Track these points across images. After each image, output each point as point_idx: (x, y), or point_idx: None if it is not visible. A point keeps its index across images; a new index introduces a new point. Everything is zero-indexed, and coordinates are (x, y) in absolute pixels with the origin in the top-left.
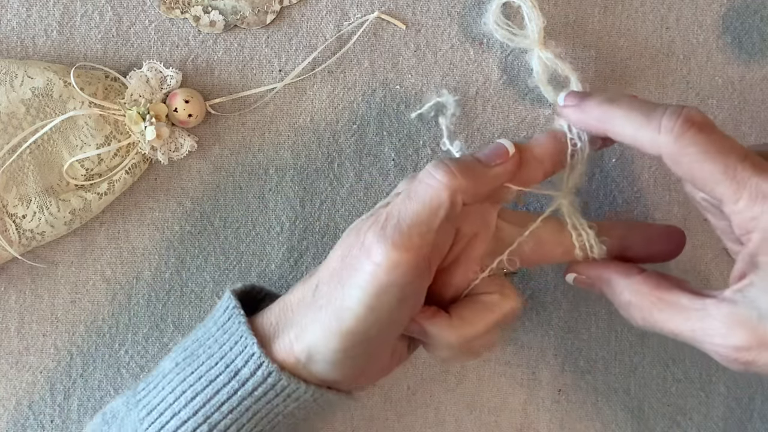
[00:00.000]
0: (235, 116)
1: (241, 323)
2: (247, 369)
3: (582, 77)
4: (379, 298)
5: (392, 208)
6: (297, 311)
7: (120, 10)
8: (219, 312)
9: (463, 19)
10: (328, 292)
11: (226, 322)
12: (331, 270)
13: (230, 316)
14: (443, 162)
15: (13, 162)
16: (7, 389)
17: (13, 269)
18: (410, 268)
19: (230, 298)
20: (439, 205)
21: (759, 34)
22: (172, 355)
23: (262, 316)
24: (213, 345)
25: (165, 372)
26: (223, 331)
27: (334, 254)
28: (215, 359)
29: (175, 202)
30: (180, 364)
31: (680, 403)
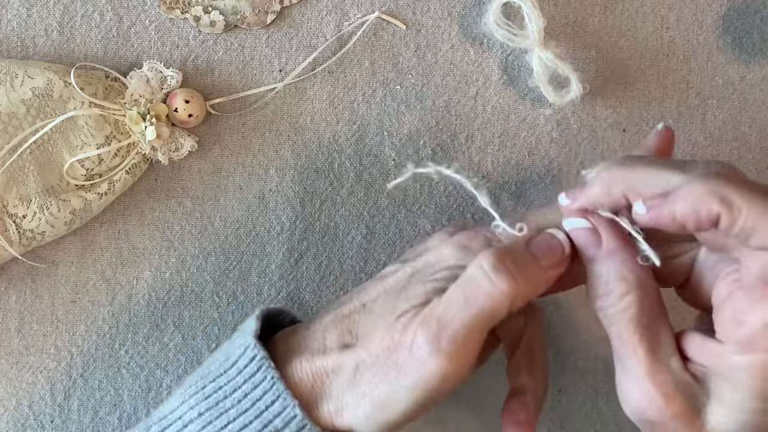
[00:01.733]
0: (235, 116)
1: (275, 380)
2: (288, 430)
3: (582, 77)
4: (427, 398)
5: (446, 311)
6: (335, 384)
7: (120, 10)
8: (243, 360)
9: (463, 19)
10: (372, 382)
11: (254, 374)
12: (374, 357)
13: (259, 367)
14: (503, 263)
15: (13, 162)
16: (7, 389)
17: (13, 269)
18: (462, 375)
19: (256, 346)
20: (499, 315)
21: (759, 34)
22: (188, 399)
23: (294, 373)
24: (243, 399)
25: (185, 421)
26: (253, 385)
27: (378, 338)
28: (250, 416)
29: (176, 202)
30: (204, 415)
31: None
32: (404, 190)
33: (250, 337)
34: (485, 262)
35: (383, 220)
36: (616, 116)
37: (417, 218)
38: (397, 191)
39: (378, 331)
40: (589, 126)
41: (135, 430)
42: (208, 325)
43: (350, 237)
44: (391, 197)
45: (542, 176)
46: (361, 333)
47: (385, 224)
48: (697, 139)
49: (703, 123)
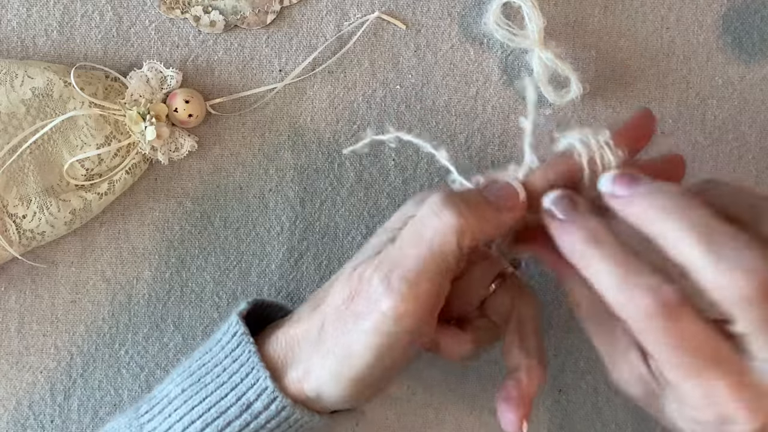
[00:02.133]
0: (235, 116)
1: (251, 353)
2: (260, 403)
3: (582, 77)
4: (386, 345)
5: (398, 250)
6: (303, 347)
7: (120, 10)
8: (226, 337)
9: (463, 19)
10: (334, 335)
11: (234, 349)
12: (336, 310)
13: (239, 342)
14: (451, 199)
15: (13, 162)
16: (7, 389)
17: (13, 269)
18: (418, 316)
19: (238, 323)
20: (448, 251)
21: (759, 34)
22: (175, 377)
23: (270, 346)
24: (222, 374)
25: (171, 397)
26: (232, 359)
27: (339, 292)
28: (225, 389)
29: (176, 202)
30: (186, 390)
31: None
32: (404, 191)
33: (234, 315)
34: (434, 198)
35: (383, 220)
36: (616, 116)
37: None
38: (397, 192)
39: (338, 286)
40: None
41: (128, 410)
42: (208, 325)
43: (350, 237)
44: (390, 197)
45: None
46: (327, 294)
47: None
48: (697, 139)
49: (703, 123)
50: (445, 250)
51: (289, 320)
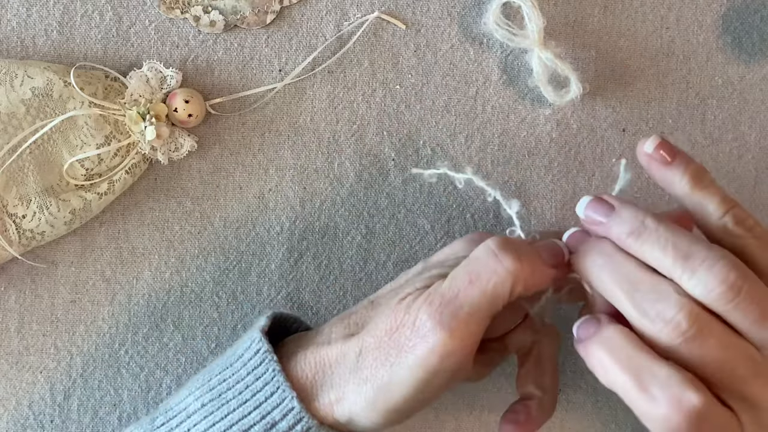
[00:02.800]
0: (235, 116)
1: (276, 372)
2: (285, 423)
3: (582, 77)
4: (428, 381)
5: (450, 288)
6: (337, 372)
7: (120, 10)
8: (248, 353)
9: (463, 19)
10: (374, 365)
11: (257, 367)
12: (377, 340)
13: (262, 360)
14: (511, 245)
15: (13, 162)
16: (7, 389)
17: (13, 269)
18: (463, 355)
19: (261, 340)
20: (500, 295)
21: (759, 34)
22: (194, 391)
23: (297, 366)
24: (245, 391)
25: (189, 412)
26: (255, 377)
27: (382, 322)
28: (249, 408)
29: (175, 202)
30: (207, 406)
31: None
32: (404, 191)
33: (257, 332)
34: (492, 242)
35: (383, 220)
36: (615, 116)
37: (417, 218)
38: (397, 192)
39: (381, 316)
40: (589, 126)
41: (143, 420)
42: (208, 325)
43: (350, 237)
44: (390, 197)
45: (542, 176)
46: (366, 322)
47: (385, 224)
48: (697, 139)
49: (703, 123)
50: (498, 293)
51: (317, 340)
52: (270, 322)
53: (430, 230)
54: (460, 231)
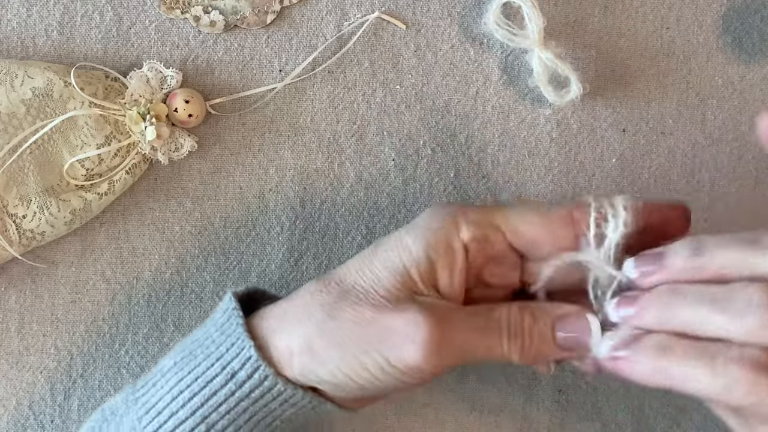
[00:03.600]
0: (235, 116)
1: (238, 324)
2: (244, 372)
3: (582, 77)
4: (400, 383)
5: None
6: (303, 319)
7: (120, 10)
8: (218, 313)
9: (463, 19)
10: (347, 337)
11: (224, 323)
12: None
13: (229, 317)
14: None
15: (13, 162)
16: (7, 389)
17: (13, 269)
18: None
19: (230, 299)
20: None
21: (759, 34)
22: (171, 353)
23: (261, 317)
24: (210, 345)
25: (164, 371)
26: (221, 332)
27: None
28: (212, 360)
29: (175, 202)
30: (178, 363)
31: (680, 403)
32: (404, 191)
33: (228, 293)
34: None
35: (383, 220)
36: (616, 116)
37: None
38: (397, 192)
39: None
40: (589, 126)
41: (127, 386)
42: None
43: (350, 237)
44: (390, 197)
45: (542, 176)
46: (348, 274)
47: (385, 224)
48: (697, 139)
49: (703, 123)
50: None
51: (287, 297)
52: (246, 290)
53: None
54: None
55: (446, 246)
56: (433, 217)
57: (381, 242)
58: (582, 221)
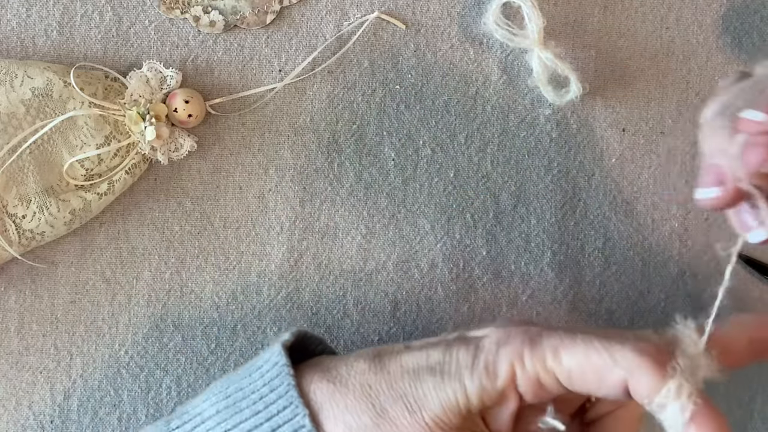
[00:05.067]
0: (235, 116)
1: (290, 386)
2: None
3: (582, 77)
4: None
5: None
6: (350, 413)
7: (120, 10)
8: (266, 365)
9: (462, 19)
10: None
11: (273, 379)
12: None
13: (278, 373)
14: None
15: (13, 162)
16: (7, 389)
17: (13, 269)
18: None
19: (280, 353)
20: None
21: (759, 34)
22: (211, 397)
23: (309, 381)
24: (258, 401)
25: (204, 417)
26: (270, 389)
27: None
28: (261, 419)
29: (175, 202)
30: (221, 412)
31: None
32: (404, 191)
33: (278, 345)
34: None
35: (383, 220)
36: (615, 116)
37: (417, 218)
38: (397, 192)
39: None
40: (589, 126)
41: (159, 422)
42: (208, 325)
43: (350, 237)
44: (390, 197)
45: (542, 176)
46: (389, 387)
47: (384, 224)
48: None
49: None
50: None
51: (337, 371)
52: (293, 338)
53: (430, 230)
54: (460, 230)
55: (501, 399)
56: (494, 353)
57: (440, 363)
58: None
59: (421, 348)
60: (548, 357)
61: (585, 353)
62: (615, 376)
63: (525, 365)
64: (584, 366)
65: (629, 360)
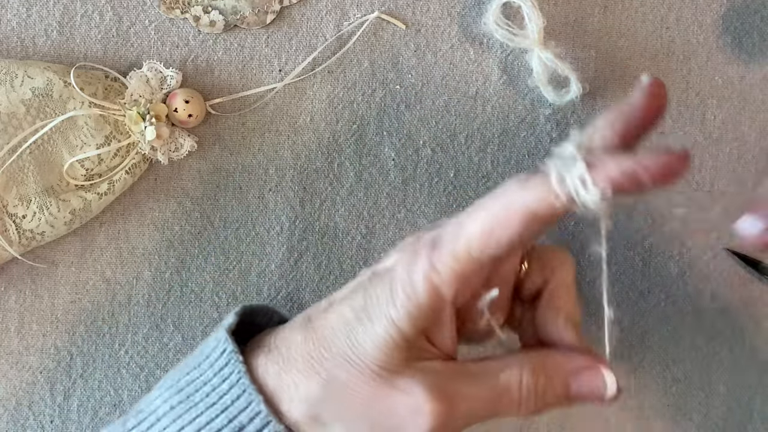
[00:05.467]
0: (235, 116)
1: (241, 374)
2: (253, 426)
3: (582, 77)
4: None
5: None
6: (303, 381)
7: (120, 10)
8: (215, 353)
9: (463, 19)
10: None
11: (223, 368)
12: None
13: (228, 361)
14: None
15: (13, 162)
16: (7, 389)
17: (13, 269)
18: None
19: (227, 340)
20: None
21: (759, 34)
22: (163, 392)
23: (262, 364)
24: (211, 393)
25: (159, 414)
26: (221, 378)
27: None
28: (216, 411)
29: (175, 202)
30: (176, 408)
31: (680, 403)
32: (404, 191)
33: (223, 331)
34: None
35: (383, 220)
36: None
37: (417, 218)
38: (397, 192)
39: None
40: None
41: (116, 422)
42: (208, 325)
43: (350, 237)
44: (390, 197)
45: None
46: (329, 342)
47: (384, 224)
48: (697, 138)
49: (703, 123)
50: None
51: (281, 351)
52: (238, 318)
53: None
54: None
55: (434, 313)
56: (406, 276)
57: (364, 307)
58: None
59: (343, 299)
60: (453, 244)
61: (481, 214)
62: (515, 211)
63: (438, 269)
64: (486, 223)
65: (515, 190)
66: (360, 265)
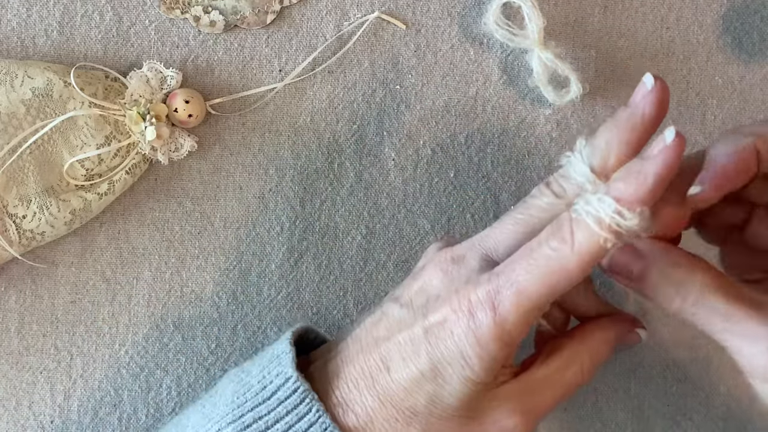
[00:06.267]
0: (235, 116)
1: (320, 412)
2: None
3: (582, 77)
4: None
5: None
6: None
7: (120, 10)
8: (284, 392)
9: (463, 19)
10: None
11: (297, 406)
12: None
13: (302, 399)
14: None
15: (13, 162)
16: (7, 389)
17: (13, 269)
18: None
19: (298, 379)
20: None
21: (759, 34)
22: (224, 426)
23: (339, 416)
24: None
25: None
26: (297, 417)
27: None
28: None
29: (175, 202)
30: None
31: (680, 403)
32: (404, 191)
33: (290, 369)
34: None
35: (383, 220)
36: None
37: (417, 218)
38: (397, 192)
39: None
40: (589, 126)
41: None
42: (208, 325)
43: (350, 237)
44: (390, 197)
45: (542, 176)
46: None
47: (385, 224)
48: (697, 138)
49: (703, 123)
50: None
51: (339, 355)
52: (294, 349)
53: (430, 230)
54: (460, 231)
55: (508, 356)
56: (475, 340)
57: (432, 369)
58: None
59: (400, 356)
60: (517, 306)
61: (534, 270)
62: (572, 269)
63: (507, 330)
64: (546, 283)
65: (566, 254)
66: (360, 266)
